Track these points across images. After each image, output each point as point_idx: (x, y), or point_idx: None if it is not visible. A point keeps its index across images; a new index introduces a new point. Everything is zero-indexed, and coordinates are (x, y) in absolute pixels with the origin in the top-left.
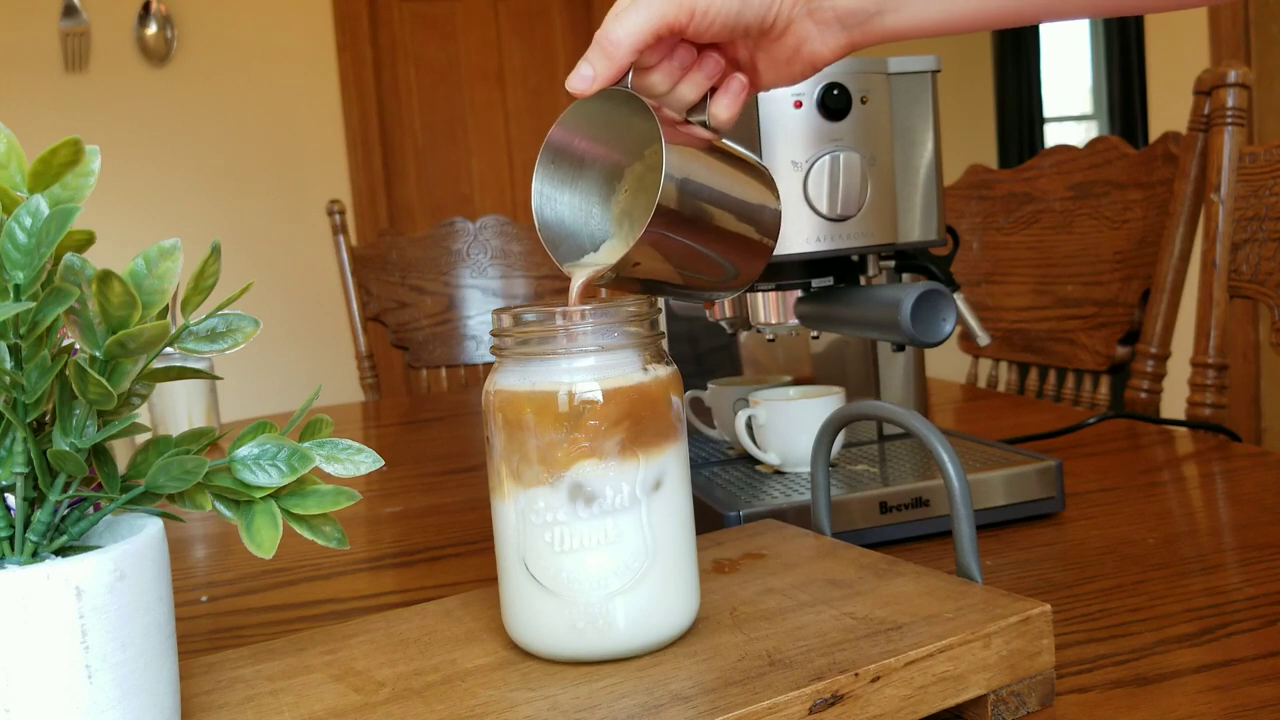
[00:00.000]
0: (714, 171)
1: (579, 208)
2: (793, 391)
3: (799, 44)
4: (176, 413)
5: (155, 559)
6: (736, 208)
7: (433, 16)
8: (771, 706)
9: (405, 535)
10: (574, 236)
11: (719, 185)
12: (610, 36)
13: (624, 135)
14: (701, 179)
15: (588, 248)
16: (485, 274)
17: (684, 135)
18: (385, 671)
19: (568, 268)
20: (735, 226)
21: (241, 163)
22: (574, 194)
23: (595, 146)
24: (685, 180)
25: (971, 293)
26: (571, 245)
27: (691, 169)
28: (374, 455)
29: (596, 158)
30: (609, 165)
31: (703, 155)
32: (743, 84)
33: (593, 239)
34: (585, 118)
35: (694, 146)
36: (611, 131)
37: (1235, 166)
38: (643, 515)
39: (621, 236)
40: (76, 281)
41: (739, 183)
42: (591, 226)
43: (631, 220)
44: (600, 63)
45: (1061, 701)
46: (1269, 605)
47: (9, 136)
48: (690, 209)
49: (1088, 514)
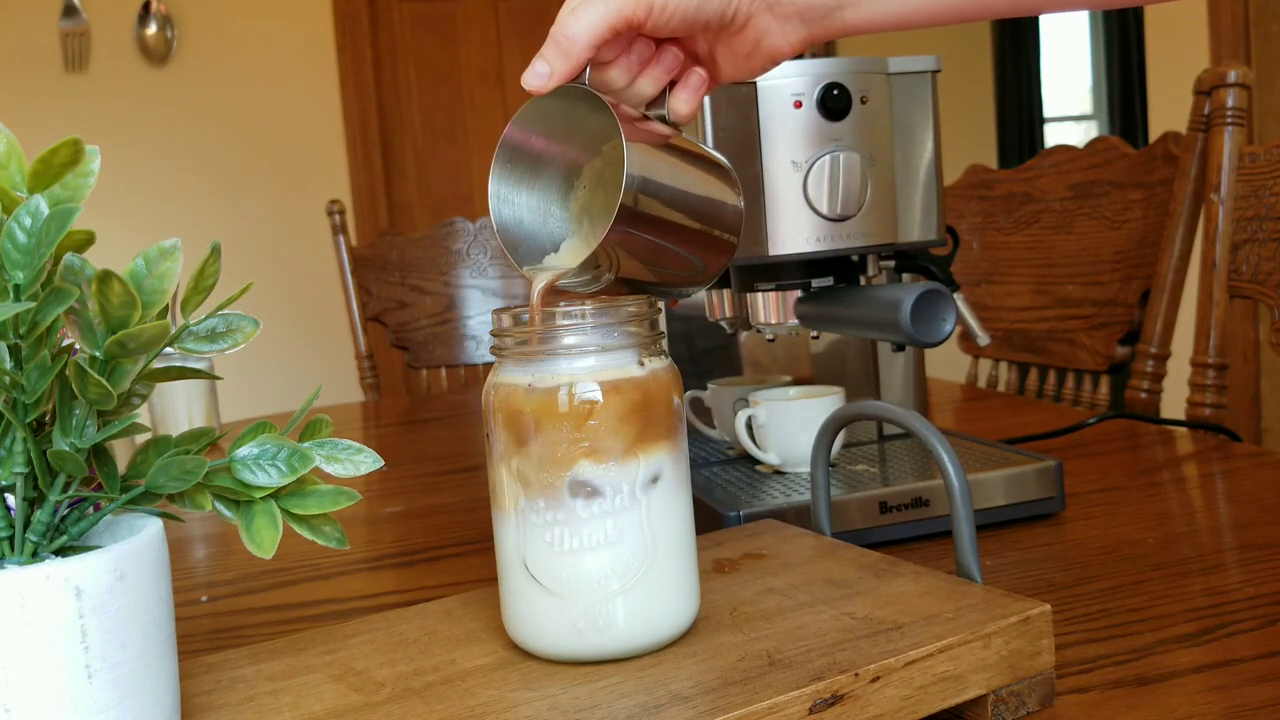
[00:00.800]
0: (676, 169)
1: (537, 208)
2: (793, 391)
3: (759, 38)
4: (176, 413)
5: (155, 559)
6: (699, 205)
7: (433, 16)
8: (771, 706)
9: (405, 535)
10: (533, 237)
11: (681, 183)
12: (566, 32)
13: (581, 132)
14: (664, 177)
15: (547, 248)
16: (485, 274)
17: (644, 132)
18: (385, 671)
19: (528, 270)
20: (698, 223)
21: (241, 162)
22: (531, 194)
23: (552, 145)
24: (647, 179)
25: (971, 293)
26: (531, 246)
27: (653, 167)
28: (374, 455)
29: (553, 156)
30: (566, 163)
31: (664, 152)
32: (702, 78)
33: (552, 239)
34: (541, 115)
35: (655, 144)
36: (568, 129)
37: (1235, 166)
38: (643, 515)
39: (581, 235)
40: (76, 281)
41: (701, 179)
42: (550, 226)
43: (591, 218)
44: (556, 59)
45: (1061, 701)
46: (1269, 605)
47: (9, 136)
48: (653, 207)
49: (1088, 514)
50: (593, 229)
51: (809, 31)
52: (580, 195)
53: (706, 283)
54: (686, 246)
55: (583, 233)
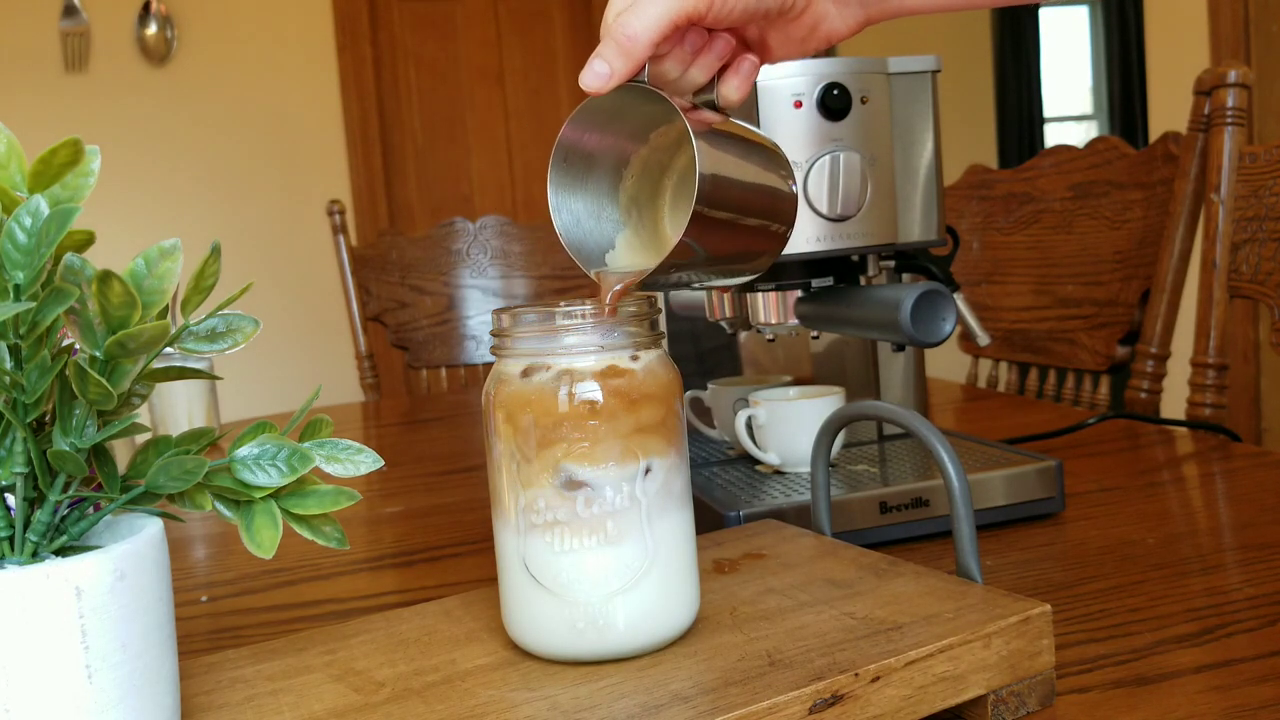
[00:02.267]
0: (740, 161)
1: (591, 206)
2: (793, 391)
3: (816, 23)
4: (176, 413)
5: (155, 559)
6: (761, 196)
7: (433, 16)
8: (771, 706)
9: (405, 535)
10: (591, 236)
11: (746, 175)
12: (627, 31)
13: (628, 123)
14: (730, 171)
15: (605, 246)
16: (485, 274)
17: (706, 127)
18: (385, 671)
19: (596, 273)
20: (760, 216)
21: (241, 162)
22: (585, 193)
23: (604, 140)
24: (716, 176)
25: (971, 293)
26: (591, 246)
27: (721, 164)
28: (374, 455)
29: (605, 151)
30: (615, 156)
31: (727, 145)
32: (754, 64)
33: (607, 235)
34: (593, 114)
35: (718, 138)
36: (618, 122)
37: (1235, 166)
38: (643, 515)
39: (632, 225)
40: (76, 281)
41: (761, 170)
42: (604, 222)
43: (638, 207)
44: (617, 59)
45: (1061, 701)
46: (1269, 605)
47: (9, 136)
48: (722, 205)
49: (1088, 514)
50: (640, 218)
51: (866, 14)
52: (628, 185)
53: (764, 270)
54: (750, 236)
55: (633, 223)
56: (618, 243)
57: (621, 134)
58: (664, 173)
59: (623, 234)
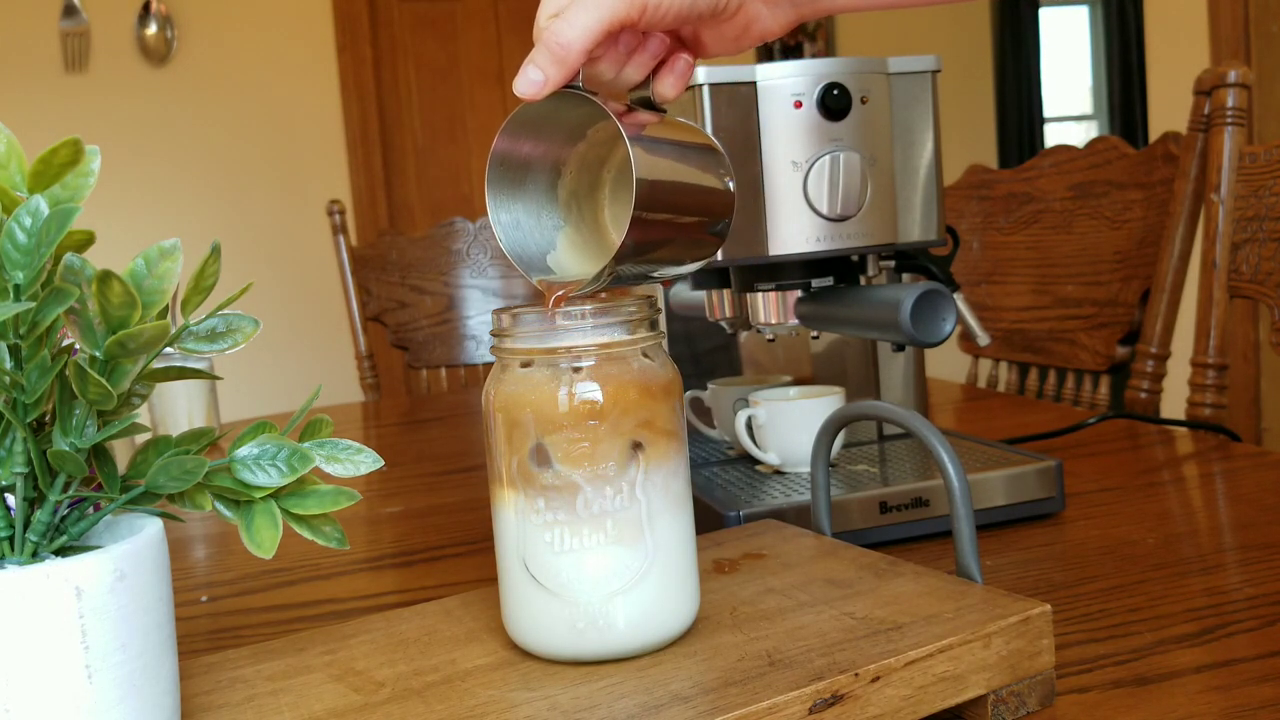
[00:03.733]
0: (675, 163)
1: (530, 209)
2: (793, 391)
3: (749, 23)
4: (176, 413)
5: (155, 559)
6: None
7: (433, 16)
8: (771, 706)
9: (405, 535)
10: (531, 238)
11: (682, 176)
12: (560, 40)
13: (564, 125)
14: (666, 175)
15: (546, 247)
16: (485, 274)
17: (641, 129)
18: (385, 671)
19: (539, 280)
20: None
21: (241, 163)
22: (524, 197)
23: (538, 145)
24: (653, 181)
25: (971, 293)
26: (532, 249)
27: (656, 168)
28: (374, 455)
29: (540, 156)
30: (552, 158)
31: (663, 148)
32: (689, 62)
33: (547, 235)
34: (527, 120)
35: (653, 142)
36: (553, 126)
37: (1235, 166)
38: (643, 515)
39: (573, 222)
40: (76, 281)
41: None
42: (544, 223)
43: (579, 201)
44: (550, 67)
45: (1061, 701)
46: (1269, 605)
47: (9, 136)
48: (660, 207)
49: (1088, 514)
50: (581, 213)
51: (798, 13)
52: (567, 181)
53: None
54: (689, 234)
55: (573, 219)
56: (559, 243)
57: (557, 137)
58: (602, 165)
59: (563, 232)
